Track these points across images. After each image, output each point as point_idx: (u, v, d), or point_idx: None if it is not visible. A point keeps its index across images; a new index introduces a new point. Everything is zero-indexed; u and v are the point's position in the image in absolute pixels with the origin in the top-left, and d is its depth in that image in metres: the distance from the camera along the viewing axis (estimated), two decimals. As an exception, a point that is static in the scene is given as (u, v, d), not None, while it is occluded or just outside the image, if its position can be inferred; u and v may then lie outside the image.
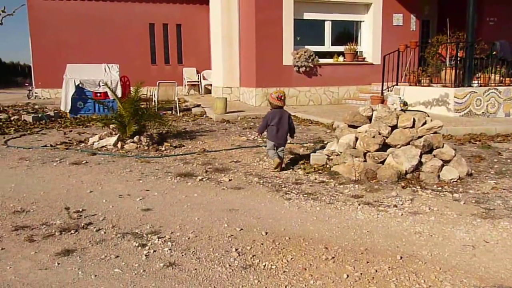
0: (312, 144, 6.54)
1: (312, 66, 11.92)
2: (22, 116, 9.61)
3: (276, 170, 4.97)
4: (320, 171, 4.89)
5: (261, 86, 11.68)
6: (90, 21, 16.04)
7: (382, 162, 4.64)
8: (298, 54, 11.78)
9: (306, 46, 12.03)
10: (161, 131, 7.53)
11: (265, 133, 5.28)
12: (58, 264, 2.68)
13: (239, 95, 13.59)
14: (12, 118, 9.43)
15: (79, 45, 15.88)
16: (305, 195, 4.06)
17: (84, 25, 15.99)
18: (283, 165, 5.09)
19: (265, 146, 5.53)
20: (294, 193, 4.14)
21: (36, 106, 12.40)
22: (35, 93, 16.59)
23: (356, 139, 4.98)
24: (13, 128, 8.43)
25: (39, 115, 9.70)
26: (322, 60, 12.15)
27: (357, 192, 4.15)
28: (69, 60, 12.52)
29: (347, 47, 12.36)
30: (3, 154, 6.20)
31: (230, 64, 13.44)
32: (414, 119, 4.79)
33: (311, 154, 5.31)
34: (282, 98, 5.09)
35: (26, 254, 2.82)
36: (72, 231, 3.18)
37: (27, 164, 5.48)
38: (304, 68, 11.84)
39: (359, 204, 3.77)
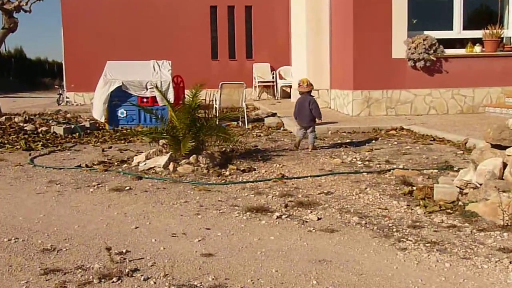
0: (436, 170, 6.36)
1: (434, 59, 11.61)
2: (52, 127, 10.31)
3: (296, 148, 7.88)
4: (448, 210, 4.72)
5: (361, 87, 11.59)
6: (136, 9, 17.02)
7: (544, 200, 4.35)
8: (414, 43, 11.54)
9: (425, 32, 11.75)
10: (224, 149, 7.66)
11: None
12: (97, 322, 2.79)
13: (329, 100, 13.60)
14: (39, 130, 10.13)
15: (121, 38, 16.95)
16: (427, 245, 3.93)
17: (128, 14, 17.06)
18: (313, 148, 7.82)
19: (366, 172, 6.30)
20: (411, 240, 4.03)
21: (68, 115, 13.28)
22: (67, 98, 17.89)
23: (505, 165, 4.75)
24: (41, 143, 8.98)
25: (72, 126, 10.38)
26: (449, 51, 11.81)
27: (506, 243, 3.94)
28: (110, 57, 13.24)
29: (487, 31, 11.87)
30: (29, 175, 6.63)
31: (317, 58, 13.51)
32: None
33: (435, 185, 5.16)
34: (301, 84, 7.87)
35: (58, 307, 2.96)
36: (114, 279, 3.30)
37: (58, 189, 5.82)
38: (422, 63, 11.56)
39: (510, 262, 3.56)
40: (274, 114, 12.11)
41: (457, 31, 12.24)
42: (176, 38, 17.15)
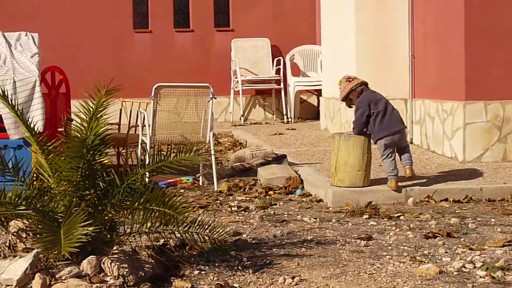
0: None
1: None
2: None
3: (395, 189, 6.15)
4: None
5: (483, 96, 7.65)
6: None
7: None
8: None
9: None
10: (164, 242, 5.38)
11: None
12: None
13: (410, 124, 8.98)
14: None
15: None
16: None
17: None
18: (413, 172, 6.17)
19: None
20: None
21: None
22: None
23: None
24: None
25: None
26: None
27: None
28: None
29: None
30: None
31: (382, 34, 9.16)
32: None
33: None
34: (344, 82, 6.20)
35: None
36: None
37: None
38: None
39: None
40: (280, 158, 8.04)
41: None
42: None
